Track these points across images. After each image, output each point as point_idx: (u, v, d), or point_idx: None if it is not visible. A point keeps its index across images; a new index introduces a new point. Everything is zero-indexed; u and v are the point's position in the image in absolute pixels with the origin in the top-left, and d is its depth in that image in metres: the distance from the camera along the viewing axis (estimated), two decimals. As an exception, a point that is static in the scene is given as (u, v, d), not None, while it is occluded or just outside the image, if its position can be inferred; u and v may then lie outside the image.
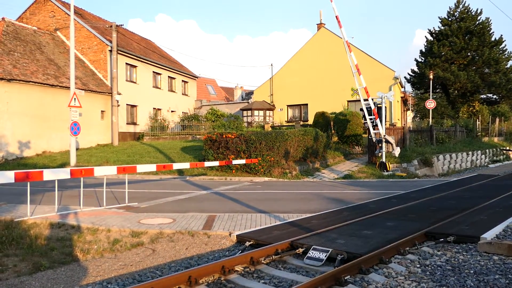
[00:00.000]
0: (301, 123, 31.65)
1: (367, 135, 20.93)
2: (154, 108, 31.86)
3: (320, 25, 34.10)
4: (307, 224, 7.36)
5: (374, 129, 17.96)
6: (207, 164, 13.92)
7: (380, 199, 10.51)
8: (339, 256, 5.30)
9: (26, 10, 29.38)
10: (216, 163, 14.79)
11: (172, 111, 33.97)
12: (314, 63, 32.84)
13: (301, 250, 5.73)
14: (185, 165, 12.56)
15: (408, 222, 7.41)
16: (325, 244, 5.77)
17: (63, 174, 8.38)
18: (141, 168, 10.70)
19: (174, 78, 35.13)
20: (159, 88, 32.97)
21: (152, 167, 11.21)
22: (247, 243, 6.31)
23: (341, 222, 7.36)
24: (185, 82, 37.19)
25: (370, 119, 17.86)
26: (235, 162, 15.40)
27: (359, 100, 29.80)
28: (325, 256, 5.32)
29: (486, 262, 5.21)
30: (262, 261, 5.39)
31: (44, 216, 8.06)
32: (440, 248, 5.97)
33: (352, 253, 5.34)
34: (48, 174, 7.83)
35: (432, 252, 5.75)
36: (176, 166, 12.36)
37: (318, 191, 12.58)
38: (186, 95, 37.21)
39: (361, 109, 20.04)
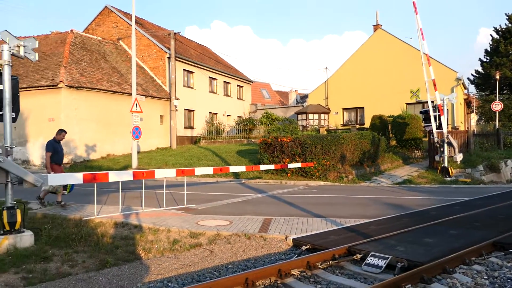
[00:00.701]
0: (357, 126, 31.00)
1: (427, 138, 20.09)
2: (210, 112, 32.62)
3: (376, 26, 33.28)
4: (364, 229, 7.20)
5: (437, 129, 17.15)
6: (263, 167, 14.05)
7: (442, 206, 10.05)
8: (399, 263, 5.14)
9: (92, 22, 31.30)
10: (271, 167, 14.86)
11: (227, 115, 34.58)
12: (370, 65, 32.07)
13: (359, 256, 5.61)
14: (241, 168, 12.78)
15: (473, 231, 7.03)
16: (384, 251, 5.61)
17: (126, 176, 8.81)
18: (198, 171, 10.95)
19: (229, 83, 35.77)
20: (215, 93, 33.71)
21: (209, 170, 11.42)
22: (303, 247, 6.28)
23: (400, 228, 7.12)
24: (240, 86, 37.74)
25: (435, 116, 17.07)
26: (290, 165, 15.38)
27: (419, 103, 28.99)
28: (384, 263, 5.17)
29: None
30: (319, 266, 5.33)
31: (109, 215, 8.52)
32: (510, 259, 5.60)
33: (413, 261, 5.15)
34: (113, 176, 8.26)
35: (501, 264, 5.40)
36: (232, 169, 12.60)
37: (376, 196, 12.26)
38: (241, 99, 37.76)
39: (421, 112, 19.25)
